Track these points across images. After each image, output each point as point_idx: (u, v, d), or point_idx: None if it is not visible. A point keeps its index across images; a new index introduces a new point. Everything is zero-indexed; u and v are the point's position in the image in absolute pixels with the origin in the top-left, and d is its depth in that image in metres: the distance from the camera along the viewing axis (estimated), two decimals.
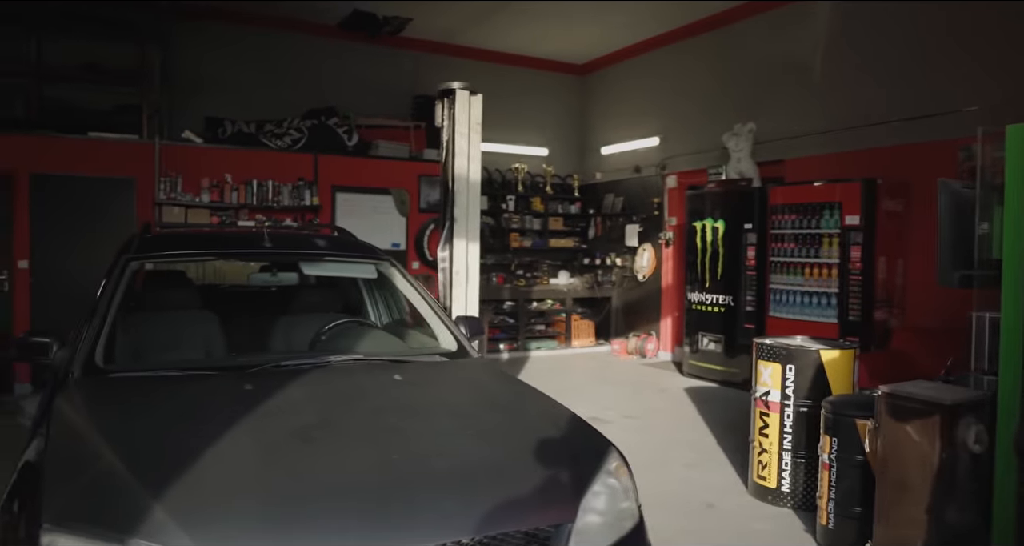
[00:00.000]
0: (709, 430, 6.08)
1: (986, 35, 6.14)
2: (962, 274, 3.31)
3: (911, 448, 3.10)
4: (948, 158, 6.09)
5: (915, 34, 6.72)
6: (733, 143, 8.41)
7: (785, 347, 4.31)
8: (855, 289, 6.48)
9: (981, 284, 3.22)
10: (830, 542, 3.75)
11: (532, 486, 2.13)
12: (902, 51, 6.83)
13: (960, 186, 3.38)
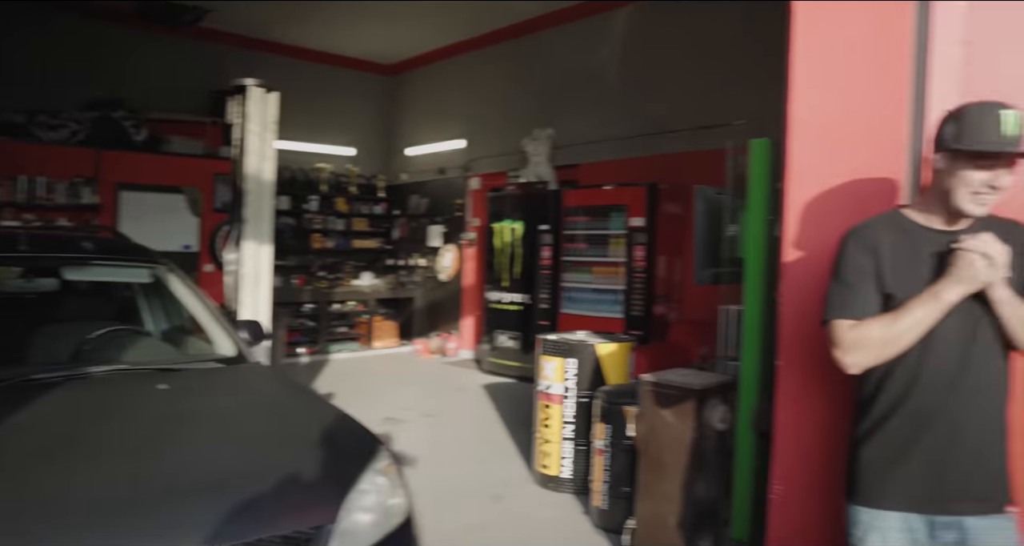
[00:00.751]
0: (503, 425, 6.26)
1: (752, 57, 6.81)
2: (713, 272, 3.66)
3: (668, 430, 3.39)
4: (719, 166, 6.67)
5: (697, 53, 7.30)
6: (533, 147, 8.73)
7: (566, 342, 4.55)
8: (638, 286, 6.95)
9: (729, 280, 3.57)
10: (603, 522, 4.00)
11: (292, 490, 2.12)
12: (687, 68, 7.39)
13: (714, 192, 3.72)
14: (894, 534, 1.90)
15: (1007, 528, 1.87)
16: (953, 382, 1.85)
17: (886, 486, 1.92)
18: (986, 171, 1.79)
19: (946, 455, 1.86)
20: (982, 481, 1.87)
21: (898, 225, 1.97)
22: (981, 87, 2.09)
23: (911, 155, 2.24)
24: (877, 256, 1.93)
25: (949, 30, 2.22)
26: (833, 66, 2.41)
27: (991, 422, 1.88)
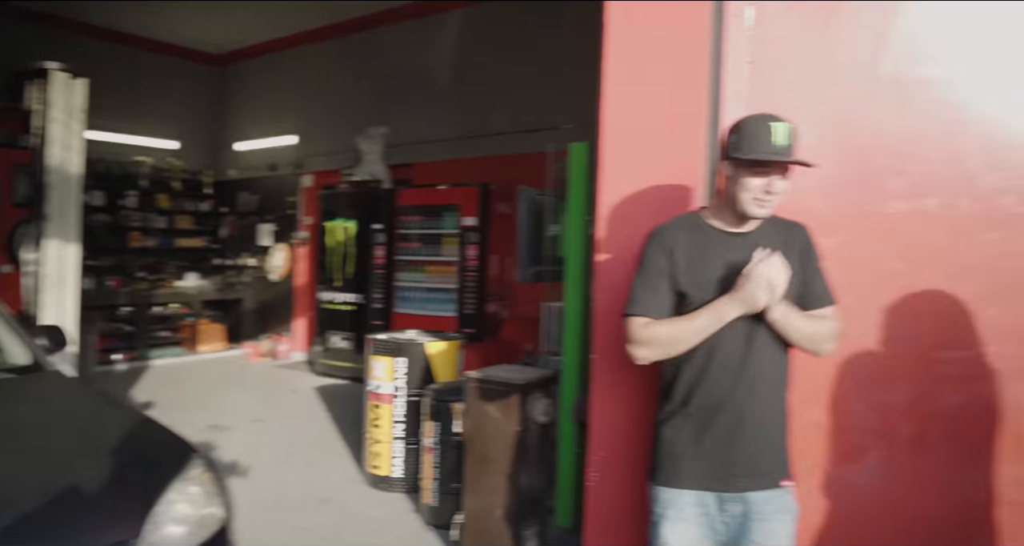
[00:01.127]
0: (335, 427, 6.15)
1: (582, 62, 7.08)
2: (536, 270, 3.79)
3: (493, 425, 3.47)
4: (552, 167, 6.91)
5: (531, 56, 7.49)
6: (367, 145, 8.63)
7: (395, 342, 4.55)
8: (471, 285, 7.05)
9: (550, 278, 3.71)
10: (433, 518, 4.04)
11: (88, 506, 2.00)
12: (521, 71, 7.56)
13: (537, 193, 3.85)
14: (689, 509, 2.08)
15: (784, 498, 2.09)
16: (737, 374, 2.04)
17: (681, 468, 2.09)
18: (762, 178, 1.97)
19: (731, 439, 2.05)
20: (762, 461, 2.07)
21: (695, 226, 2.14)
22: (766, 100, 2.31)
23: (708, 162, 2.43)
24: (672, 256, 2.08)
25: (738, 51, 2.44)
26: (641, 71, 2.55)
27: (771, 409, 2.09)
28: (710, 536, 2.09)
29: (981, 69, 2.37)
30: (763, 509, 2.06)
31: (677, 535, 2.08)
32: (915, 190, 2.37)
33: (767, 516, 2.06)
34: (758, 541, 2.05)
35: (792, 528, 2.11)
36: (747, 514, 2.07)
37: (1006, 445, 2.39)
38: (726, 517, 2.08)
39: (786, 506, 2.10)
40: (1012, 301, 2.35)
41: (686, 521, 2.08)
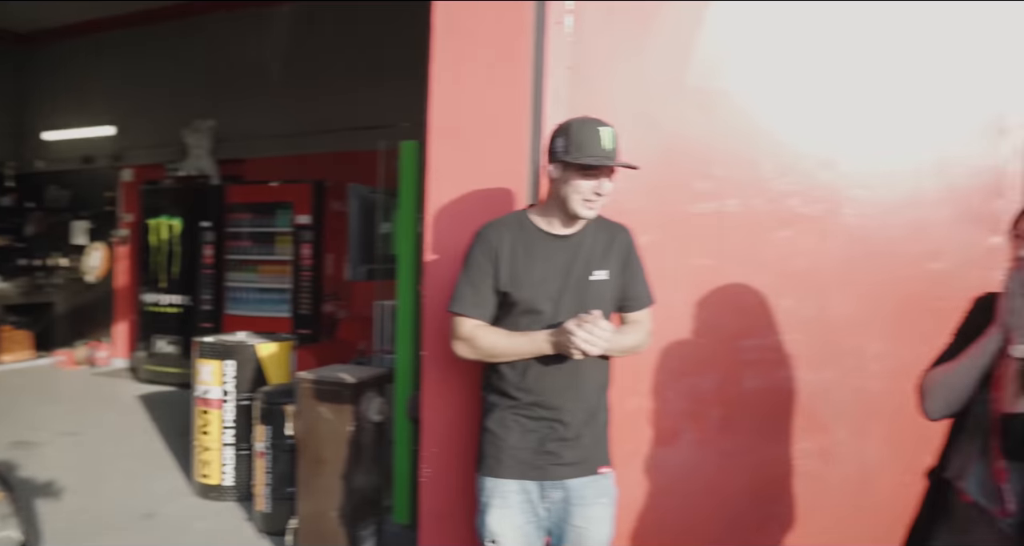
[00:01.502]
0: (161, 437, 5.81)
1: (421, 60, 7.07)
2: (368, 269, 3.76)
3: (326, 425, 3.41)
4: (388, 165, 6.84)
5: (370, 53, 7.37)
6: (193, 139, 8.19)
7: (223, 344, 4.36)
8: (306, 284, 6.87)
9: (383, 277, 3.69)
10: (267, 525, 3.91)
11: None
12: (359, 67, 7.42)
13: (368, 191, 3.82)
14: (512, 496, 2.16)
15: (603, 482, 2.21)
16: (559, 370, 2.13)
17: (503, 458, 2.17)
18: (592, 180, 2.05)
19: (552, 432, 2.14)
20: (582, 451, 2.17)
21: (521, 227, 2.19)
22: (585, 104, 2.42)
23: (530, 163, 2.51)
24: (497, 256, 2.14)
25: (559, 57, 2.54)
26: (466, 72, 2.60)
27: (592, 403, 2.19)
28: (533, 522, 2.18)
29: (771, 83, 2.60)
30: (583, 494, 2.16)
31: (502, 522, 2.15)
32: (718, 192, 2.57)
33: (587, 500, 2.16)
34: (579, 525, 2.16)
35: (611, 511, 2.23)
36: (568, 499, 2.17)
37: (800, 423, 2.65)
38: (548, 503, 2.17)
39: (605, 490, 2.21)
40: (802, 293, 2.61)
41: (510, 508, 2.15)
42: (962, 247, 2.55)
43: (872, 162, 2.58)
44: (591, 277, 2.13)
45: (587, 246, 2.16)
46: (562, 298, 2.12)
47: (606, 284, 2.15)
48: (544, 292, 2.11)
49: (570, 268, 2.13)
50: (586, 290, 2.12)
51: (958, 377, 1.86)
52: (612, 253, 2.18)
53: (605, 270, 2.15)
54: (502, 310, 2.17)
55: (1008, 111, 2.55)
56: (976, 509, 1.82)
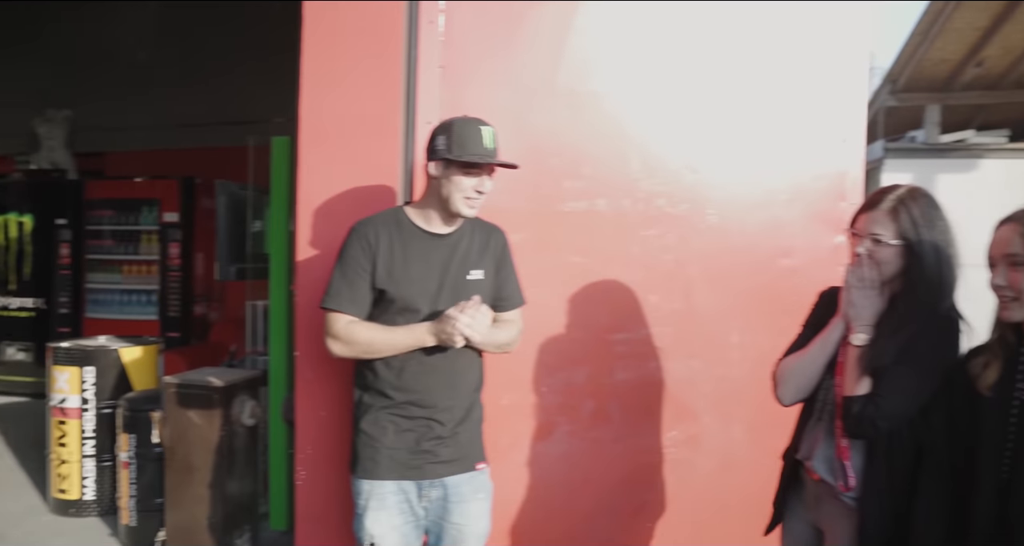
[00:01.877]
0: (11, 452, 5.39)
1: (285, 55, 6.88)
2: (239, 268, 3.64)
3: (195, 431, 3.29)
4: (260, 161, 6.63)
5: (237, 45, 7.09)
6: (46, 129, 7.63)
7: (82, 349, 4.11)
8: (175, 285, 6.57)
9: (254, 276, 3.59)
10: (133, 540, 3.71)
11: None
12: (226, 58, 7.13)
13: (237, 187, 3.69)
14: (390, 498, 2.15)
15: (479, 478, 2.24)
16: (433, 369, 2.14)
17: (378, 459, 2.15)
18: (474, 178, 2.07)
19: (428, 431, 2.15)
20: (457, 448, 2.19)
21: (398, 224, 2.18)
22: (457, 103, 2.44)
23: (403, 161, 2.51)
24: (373, 253, 2.11)
25: (431, 56, 2.55)
26: (338, 69, 2.57)
27: (467, 401, 2.21)
28: (412, 522, 2.18)
29: (640, 87, 2.70)
30: (461, 491, 2.18)
31: (380, 524, 2.14)
32: (587, 191, 2.65)
33: (465, 497, 2.18)
34: (457, 522, 2.18)
35: (488, 505, 2.26)
36: (446, 497, 2.18)
37: (669, 412, 2.77)
38: (425, 502, 2.18)
39: (482, 485, 2.24)
40: (668, 288, 2.72)
41: (387, 510, 2.14)
42: (811, 245, 2.73)
43: (731, 165, 2.73)
44: (468, 277, 2.15)
45: (464, 245, 2.18)
46: (439, 297, 2.13)
47: (482, 284, 2.18)
48: (421, 290, 2.12)
49: (447, 267, 2.15)
50: (463, 289, 2.14)
51: (806, 365, 2.00)
52: (488, 253, 2.21)
53: (481, 270, 2.18)
54: (378, 308, 2.15)
55: (849, 121, 2.76)
56: (824, 485, 1.97)
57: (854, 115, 2.76)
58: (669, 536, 2.77)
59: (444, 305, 2.10)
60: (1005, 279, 1.66)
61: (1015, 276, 1.64)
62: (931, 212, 1.88)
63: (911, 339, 1.83)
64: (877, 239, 1.89)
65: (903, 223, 1.87)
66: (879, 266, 1.90)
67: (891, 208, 1.89)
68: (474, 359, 2.23)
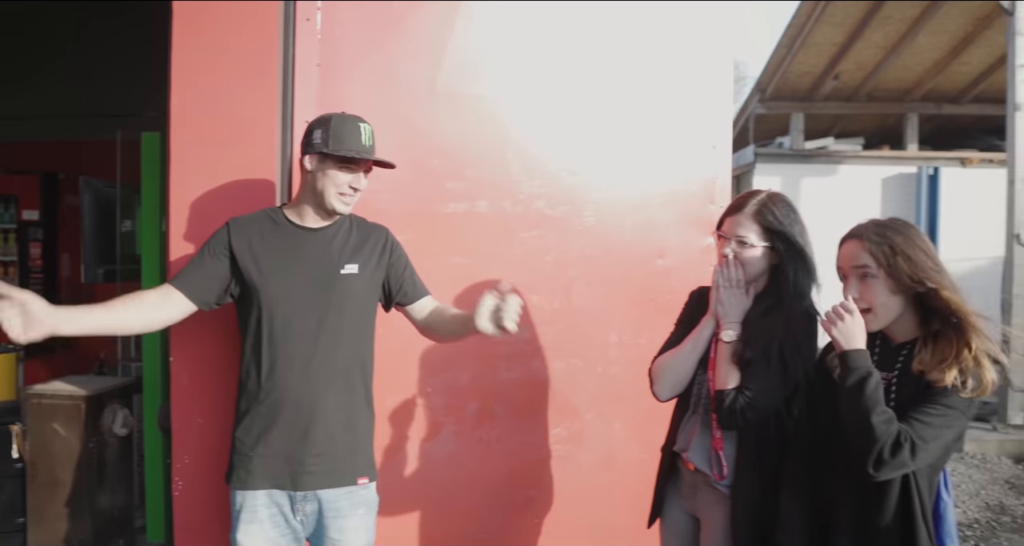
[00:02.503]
0: None
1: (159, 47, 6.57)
2: (107, 269, 3.47)
3: (61, 444, 3.10)
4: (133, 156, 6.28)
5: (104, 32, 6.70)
6: None
7: None
8: (37, 288, 6.10)
9: (124, 278, 3.43)
10: None
11: None
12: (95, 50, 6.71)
13: (104, 184, 3.52)
14: (262, 510, 2.08)
15: (361, 493, 2.16)
16: (306, 369, 2.07)
17: (251, 468, 2.08)
18: (350, 174, 2.06)
19: (302, 436, 2.08)
20: (336, 458, 2.12)
21: (273, 220, 2.15)
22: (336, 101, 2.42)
23: (280, 159, 2.47)
24: (237, 247, 2.09)
25: (308, 54, 2.52)
26: (212, 68, 2.49)
27: (347, 404, 2.14)
28: (288, 534, 2.11)
29: (521, 91, 2.76)
30: (337, 506, 2.11)
31: (253, 537, 2.07)
32: (469, 193, 2.68)
33: (342, 512, 2.11)
34: (334, 537, 2.11)
35: (370, 521, 2.19)
36: (322, 511, 2.11)
37: (552, 410, 2.84)
38: (301, 515, 2.11)
39: (363, 500, 2.16)
40: (550, 288, 2.79)
41: (260, 523, 2.07)
42: (683, 246, 2.87)
43: (608, 169, 2.82)
44: (342, 271, 2.12)
45: (340, 240, 2.16)
46: (311, 288, 2.09)
47: (357, 278, 2.14)
48: (288, 283, 2.08)
49: (319, 260, 2.11)
50: (335, 283, 2.11)
51: (680, 362, 2.11)
52: (366, 248, 2.18)
53: (356, 265, 2.14)
54: (248, 302, 2.10)
55: (717, 129, 2.91)
56: (700, 475, 2.09)
57: (722, 123, 2.92)
58: (556, 531, 2.83)
59: (315, 298, 2.08)
60: (857, 291, 1.81)
61: (866, 287, 1.80)
62: (790, 215, 2.03)
63: (776, 335, 1.97)
64: (742, 241, 2.02)
65: (766, 225, 2.01)
66: (744, 266, 2.03)
67: (755, 211, 2.02)
68: (355, 359, 2.16)
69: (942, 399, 1.67)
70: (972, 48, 10.62)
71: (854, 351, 1.72)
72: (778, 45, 11.05)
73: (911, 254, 1.75)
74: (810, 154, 11.53)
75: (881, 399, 1.68)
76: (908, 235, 1.78)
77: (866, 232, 1.82)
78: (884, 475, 1.66)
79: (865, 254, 1.79)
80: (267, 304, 2.07)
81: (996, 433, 6.92)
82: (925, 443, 1.64)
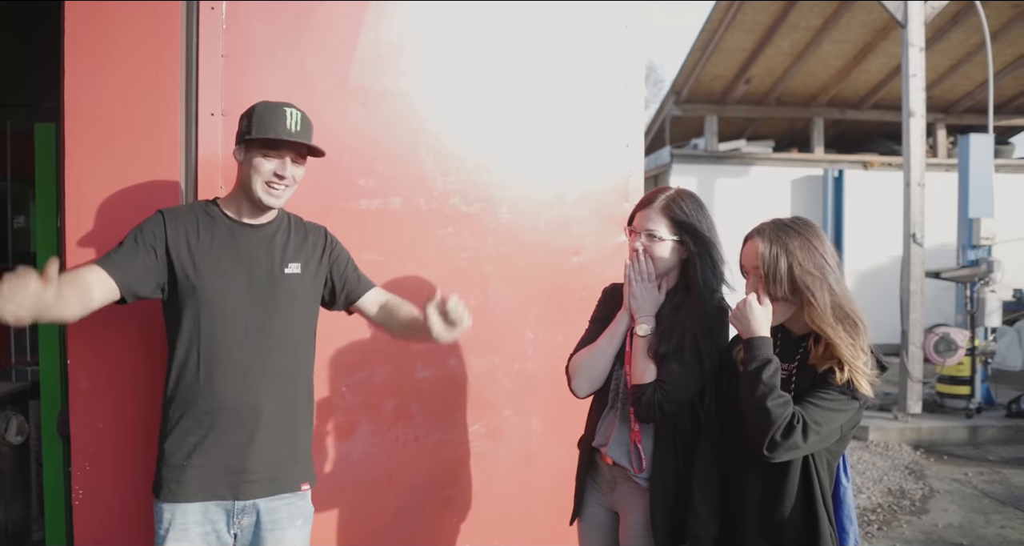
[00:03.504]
0: None
1: None
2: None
3: None
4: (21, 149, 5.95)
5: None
6: None
7: None
8: None
9: None
10: None
11: None
12: None
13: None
14: (195, 528, 1.97)
15: (299, 503, 2.10)
16: (246, 372, 1.99)
17: (184, 479, 1.96)
18: (273, 160, 1.98)
19: (242, 443, 1.99)
20: (273, 465, 2.03)
21: (208, 213, 2.06)
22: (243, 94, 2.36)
23: (184, 153, 2.40)
24: (176, 239, 1.99)
25: (212, 44, 2.45)
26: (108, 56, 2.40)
27: (285, 409, 2.07)
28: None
29: (434, 86, 2.75)
30: (276, 518, 2.04)
31: None
32: (381, 189, 2.65)
33: (281, 524, 2.04)
34: None
35: (306, 533, 2.13)
36: (259, 523, 2.03)
37: (470, 408, 2.83)
38: (236, 529, 2.02)
39: (300, 511, 2.10)
40: (466, 285, 2.78)
41: (189, 541, 1.97)
42: (598, 243, 2.90)
43: (522, 166, 2.84)
44: (286, 270, 2.06)
45: (280, 238, 2.09)
46: (251, 288, 2.01)
47: (300, 278, 2.09)
48: (230, 281, 2.00)
49: (260, 259, 2.04)
50: (278, 283, 2.04)
51: (597, 357, 2.14)
52: (307, 247, 2.13)
53: (299, 264, 2.09)
54: (180, 301, 1.99)
55: (630, 128, 2.96)
56: (618, 469, 2.12)
57: (634, 122, 2.97)
58: (475, 530, 2.83)
59: (255, 297, 2.00)
60: (754, 288, 1.88)
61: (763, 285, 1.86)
62: (698, 209, 2.09)
63: (689, 328, 2.02)
64: (652, 234, 2.07)
65: (675, 219, 2.06)
66: (655, 260, 2.07)
67: (664, 206, 2.07)
68: (297, 361, 2.10)
69: (834, 386, 1.75)
70: (872, 57, 11.18)
71: (757, 338, 1.79)
72: (692, 48, 11.37)
73: (800, 258, 1.81)
74: (723, 156, 11.90)
75: (778, 384, 1.75)
76: (806, 235, 1.84)
77: (767, 229, 1.88)
78: (779, 457, 1.73)
79: (762, 251, 1.85)
80: (204, 305, 1.97)
81: (897, 422, 7.28)
82: (818, 426, 1.71)
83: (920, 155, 7.53)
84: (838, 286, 1.81)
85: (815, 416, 1.71)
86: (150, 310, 2.18)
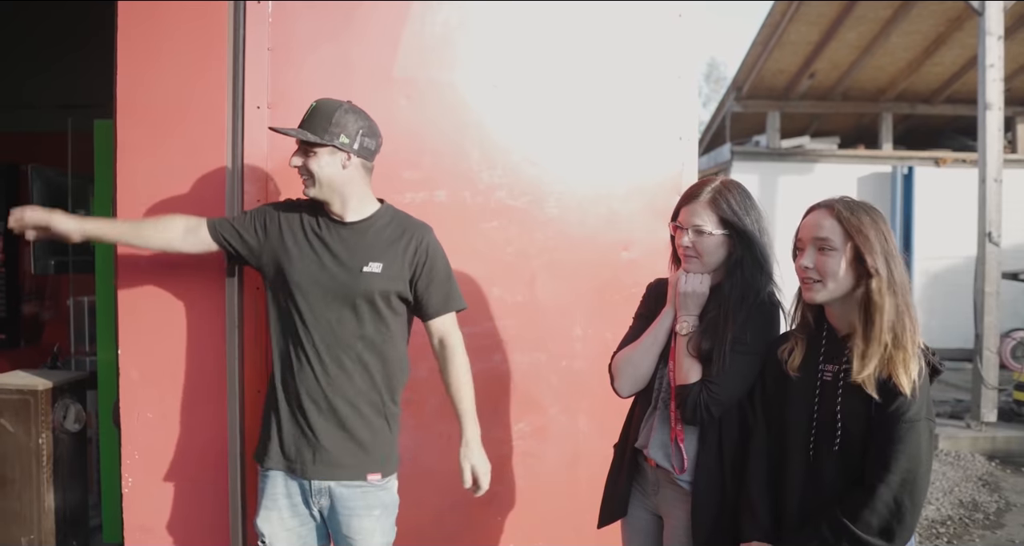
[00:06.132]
0: None
1: None
2: (58, 261, 3.39)
3: (9, 440, 3.03)
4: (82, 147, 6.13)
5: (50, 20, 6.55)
6: None
7: None
8: None
9: (78, 269, 3.35)
10: None
11: None
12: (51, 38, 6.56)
13: (54, 173, 3.45)
14: (282, 500, 2.15)
15: (374, 493, 2.16)
16: (322, 362, 2.10)
17: (270, 447, 2.14)
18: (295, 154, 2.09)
19: (315, 427, 2.10)
20: (346, 453, 2.13)
21: (313, 209, 2.17)
22: (289, 88, 2.37)
23: (231, 145, 2.42)
24: (271, 222, 2.16)
25: (259, 38, 2.47)
26: (158, 51, 2.45)
27: (358, 401, 2.14)
28: (309, 525, 2.17)
29: (481, 78, 2.71)
30: (350, 505, 2.13)
31: (272, 524, 2.13)
32: (427, 182, 2.63)
33: (356, 511, 2.13)
34: (347, 535, 2.13)
35: (386, 523, 2.20)
36: (334, 507, 2.13)
37: (515, 405, 2.79)
38: (316, 508, 2.15)
39: (377, 501, 2.16)
40: (511, 281, 2.74)
41: (278, 510, 2.14)
42: (649, 238, 2.82)
43: (570, 160, 2.78)
44: (364, 268, 2.10)
45: (371, 235, 2.14)
46: (333, 283, 2.09)
47: (377, 277, 2.11)
48: (317, 275, 2.09)
49: (342, 254, 2.11)
50: (354, 280, 2.10)
51: (640, 356, 2.07)
52: (398, 247, 2.14)
53: (380, 263, 2.12)
54: (275, 286, 2.15)
55: (683, 121, 2.87)
56: (661, 471, 2.05)
57: (688, 115, 2.89)
58: (519, 530, 2.79)
59: (334, 292, 2.09)
60: (812, 261, 1.77)
61: (822, 259, 1.76)
62: (746, 201, 2.00)
63: (736, 325, 1.93)
64: (699, 230, 1.98)
65: (722, 213, 1.97)
66: (702, 256, 1.99)
67: (710, 199, 1.99)
68: (377, 354, 2.17)
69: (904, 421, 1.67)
70: (944, 49, 10.72)
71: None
72: (753, 43, 11.09)
73: (871, 235, 1.72)
74: (786, 153, 11.58)
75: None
76: (875, 218, 1.77)
77: (836, 204, 1.79)
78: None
79: (830, 223, 1.76)
80: (284, 285, 2.11)
81: (970, 431, 6.97)
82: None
83: (997, 150, 7.19)
84: (901, 277, 1.72)
85: (904, 464, 1.65)
86: (200, 303, 2.22)
